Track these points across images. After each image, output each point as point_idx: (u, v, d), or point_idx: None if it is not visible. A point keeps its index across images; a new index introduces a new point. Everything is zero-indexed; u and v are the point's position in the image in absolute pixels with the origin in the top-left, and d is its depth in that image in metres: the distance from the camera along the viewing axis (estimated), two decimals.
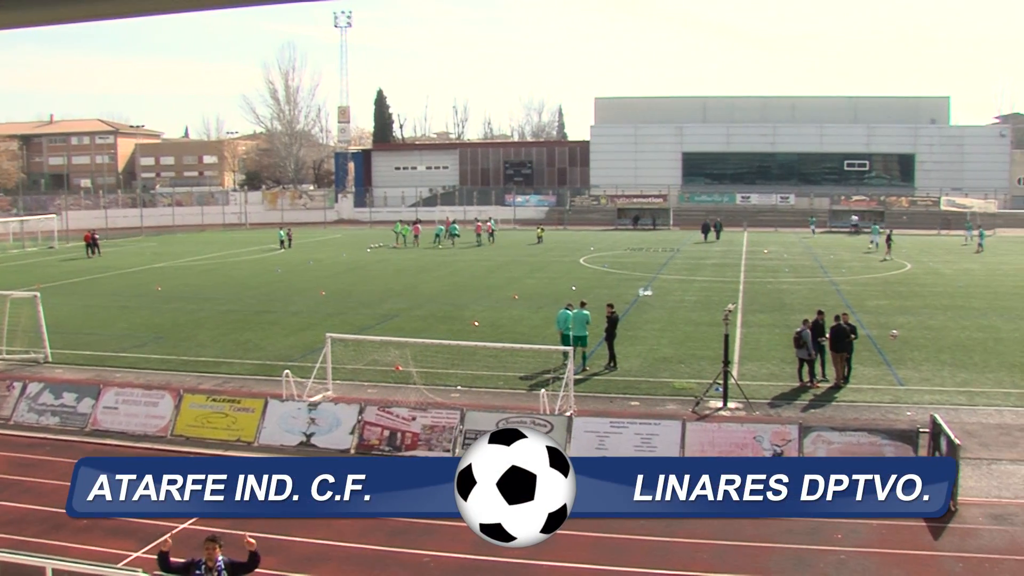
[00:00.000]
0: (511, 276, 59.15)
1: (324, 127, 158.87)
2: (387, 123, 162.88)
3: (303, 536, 18.06)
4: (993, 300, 48.81)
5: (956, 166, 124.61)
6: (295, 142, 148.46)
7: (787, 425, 22.69)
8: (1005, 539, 18.28)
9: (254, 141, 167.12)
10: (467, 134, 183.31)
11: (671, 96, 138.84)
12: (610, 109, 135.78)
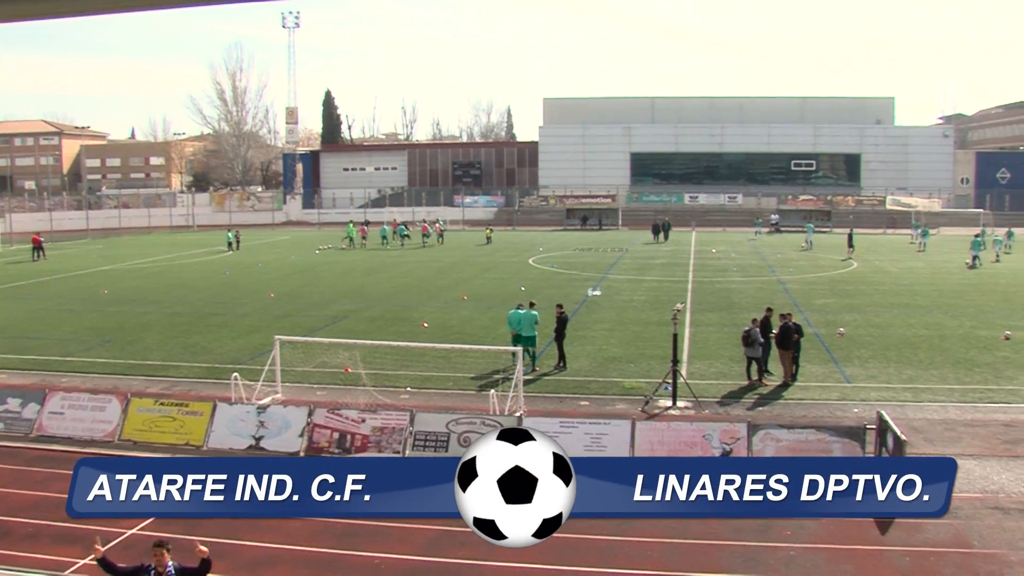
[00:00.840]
0: (460, 277, 59.15)
1: (272, 128, 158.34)
2: (335, 124, 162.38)
3: (253, 540, 17.98)
4: (938, 298, 49.39)
5: (901, 166, 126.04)
6: (243, 143, 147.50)
7: (736, 423, 22.84)
8: (950, 532, 18.51)
9: (201, 142, 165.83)
10: (416, 135, 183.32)
11: (619, 97, 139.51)
12: (558, 110, 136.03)
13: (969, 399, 28.65)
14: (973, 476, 21.86)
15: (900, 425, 21.47)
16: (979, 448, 23.95)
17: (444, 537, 18.07)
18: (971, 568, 16.98)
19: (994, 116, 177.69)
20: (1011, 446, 24.19)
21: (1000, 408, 27.71)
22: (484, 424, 22.86)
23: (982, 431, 25.45)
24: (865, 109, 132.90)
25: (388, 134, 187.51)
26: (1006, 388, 29.97)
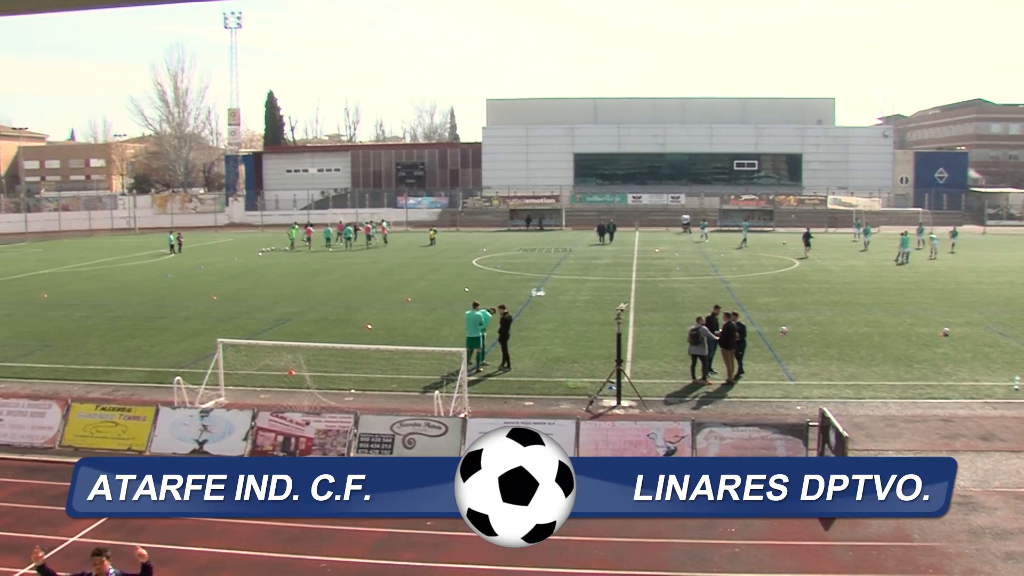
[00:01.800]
0: (404, 278, 58.99)
1: (214, 129, 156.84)
2: (278, 125, 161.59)
3: (199, 545, 17.82)
4: (878, 295, 49.94)
5: (842, 166, 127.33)
6: (185, 145, 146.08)
7: (680, 422, 22.94)
8: (891, 527, 18.69)
9: (143, 144, 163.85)
10: (359, 136, 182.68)
11: (562, 97, 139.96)
12: (502, 110, 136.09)
13: (909, 395, 29.03)
14: None
15: (842, 422, 21.72)
16: (919, 443, 24.26)
17: (392, 539, 18.04)
18: (912, 561, 17.18)
19: (932, 117, 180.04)
20: (950, 441, 24.51)
21: (939, 404, 28.10)
22: (429, 426, 22.85)
23: (922, 426, 25.78)
24: (806, 109, 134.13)
25: (331, 135, 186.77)
26: (945, 384, 30.39)
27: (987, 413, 27.19)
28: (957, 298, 49.22)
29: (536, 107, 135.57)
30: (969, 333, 38.88)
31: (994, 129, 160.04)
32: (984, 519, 19.17)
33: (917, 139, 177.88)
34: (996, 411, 27.41)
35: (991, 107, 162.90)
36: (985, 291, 52.13)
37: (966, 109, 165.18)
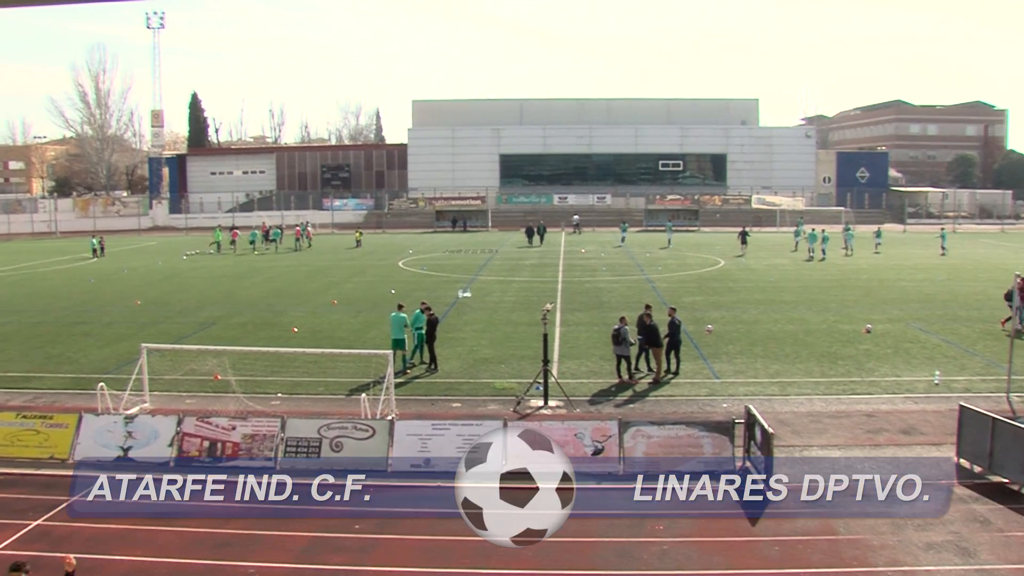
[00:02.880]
0: (330, 281, 58.68)
1: (137, 131, 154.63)
2: (202, 127, 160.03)
3: (124, 554, 17.57)
4: (802, 293, 50.53)
5: (766, 165, 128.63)
6: (107, 147, 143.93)
7: (607, 421, 23.00)
8: (816, 521, 18.92)
9: (63, 146, 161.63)
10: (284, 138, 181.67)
11: (488, 99, 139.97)
12: (428, 112, 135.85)
13: (833, 391, 29.41)
14: (838, 466, 22.32)
15: (768, 418, 21.95)
16: (843, 438, 24.58)
17: (319, 543, 17.93)
18: (837, 554, 17.39)
19: (853, 118, 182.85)
20: (873, 435, 24.87)
21: (862, 399, 28.51)
22: (356, 428, 22.72)
23: (846, 422, 26.12)
24: (730, 110, 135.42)
25: (256, 137, 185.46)
26: (868, 380, 30.81)
27: (909, 407, 27.62)
28: (879, 295, 49.95)
29: (462, 108, 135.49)
30: (891, 329, 39.46)
31: (913, 130, 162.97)
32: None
33: (839, 139, 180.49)
34: (917, 405, 27.86)
35: (910, 108, 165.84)
36: (906, 288, 52.94)
37: (886, 110, 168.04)
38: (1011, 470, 21.04)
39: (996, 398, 28.38)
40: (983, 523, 18.94)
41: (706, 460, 21.92)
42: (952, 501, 20.11)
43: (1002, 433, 21.27)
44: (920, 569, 16.79)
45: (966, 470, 22.19)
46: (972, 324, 40.95)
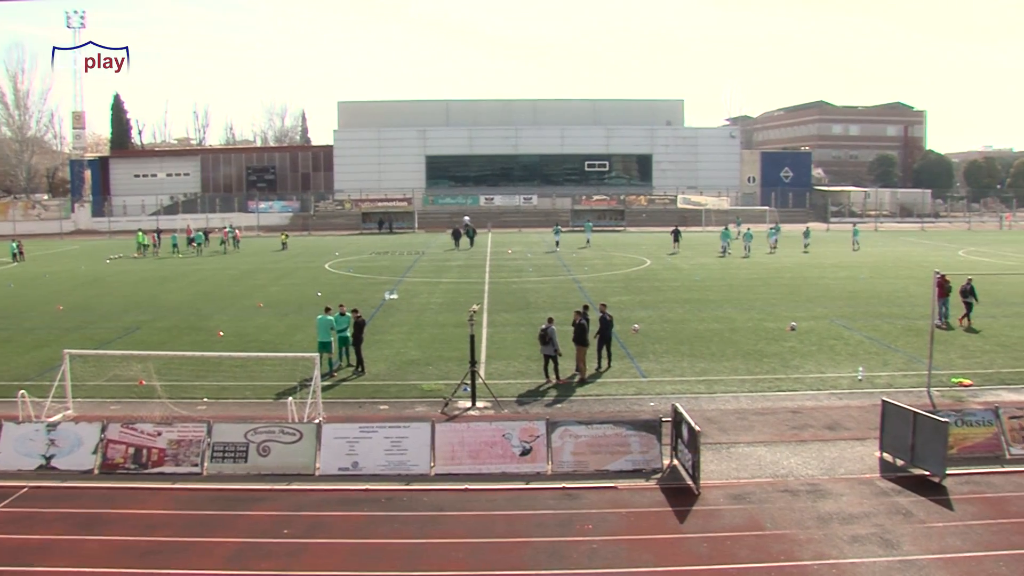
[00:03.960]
0: (256, 284, 58.18)
1: (58, 133, 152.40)
2: (125, 129, 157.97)
3: (48, 565, 17.27)
4: (728, 292, 50.96)
5: (691, 166, 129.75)
6: (26, 149, 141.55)
7: (535, 421, 22.98)
8: (744, 517, 19.11)
9: None
10: (208, 140, 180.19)
11: (414, 100, 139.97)
12: (353, 113, 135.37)
13: (759, 389, 29.68)
14: (764, 462, 22.63)
15: (694, 416, 22.09)
16: (769, 435, 24.80)
17: (248, 549, 17.77)
18: (764, 549, 17.53)
19: (777, 118, 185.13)
20: (798, 431, 25.12)
21: (787, 396, 28.79)
22: (283, 432, 22.53)
23: (771, 419, 26.36)
24: (655, 111, 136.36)
25: (180, 139, 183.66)
26: (792, 377, 31.14)
27: (833, 403, 27.95)
28: (803, 293, 50.54)
29: (388, 109, 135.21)
30: (815, 327, 39.92)
31: (835, 130, 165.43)
32: (831, 505, 19.71)
33: (763, 139, 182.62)
34: (841, 401, 28.20)
35: (832, 109, 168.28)
36: (829, 286, 53.61)
37: (809, 111, 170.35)
38: (932, 463, 21.38)
39: (917, 393, 28.79)
40: (905, 515, 19.21)
41: (634, 459, 22.01)
42: (876, 495, 20.43)
43: (923, 427, 21.60)
44: (845, 562, 16.97)
45: (889, 464, 22.51)
46: (894, 321, 41.54)
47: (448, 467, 21.86)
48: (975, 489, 20.84)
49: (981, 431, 23.03)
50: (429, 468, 21.87)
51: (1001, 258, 72.04)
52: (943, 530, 18.46)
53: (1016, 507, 19.79)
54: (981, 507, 19.74)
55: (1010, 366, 32.77)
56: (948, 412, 23.48)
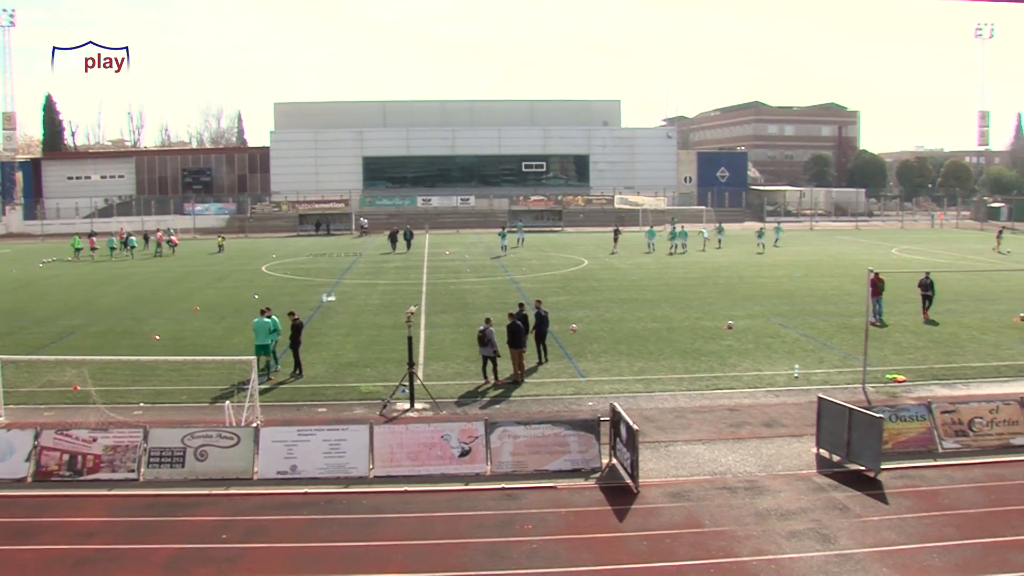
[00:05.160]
0: (192, 287, 57.63)
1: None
2: (57, 130, 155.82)
3: None
4: (665, 292, 51.25)
5: (628, 166, 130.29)
6: None
7: (473, 422, 22.95)
8: (683, 514, 19.22)
9: None
10: (143, 142, 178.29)
11: (351, 101, 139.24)
12: (290, 114, 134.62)
13: (697, 387, 29.87)
14: (703, 459, 22.77)
15: (633, 415, 22.18)
16: (707, 433, 24.97)
17: (185, 555, 17.60)
18: (703, 546, 17.63)
19: (713, 118, 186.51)
20: (736, 429, 25.30)
21: (725, 394, 29.01)
22: (220, 437, 22.33)
23: (709, 416, 26.53)
24: (592, 111, 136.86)
25: (114, 141, 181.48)
26: (730, 375, 31.38)
27: (770, 401, 28.20)
28: (740, 292, 50.96)
29: (325, 110, 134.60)
30: (752, 325, 40.26)
31: (771, 130, 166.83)
32: (769, 501, 19.87)
33: (700, 140, 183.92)
34: (778, 398, 28.46)
35: (768, 109, 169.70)
36: (766, 285, 54.11)
37: (745, 111, 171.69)
38: (867, 458, 21.63)
39: (852, 389, 29.15)
40: (842, 510, 19.41)
41: (573, 458, 22.05)
42: (812, 490, 20.63)
43: (858, 423, 21.85)
44: (783, 557, 17.12)
45: (825, 459, 22.74)
46: (829, 318, 41.99)
47: (387, 469, 21.79)
48: (909, 483, 21.15)
49: (914, 426, 23.36)
50: (368, 470, 21.78)
51: (933, 256, 73.07)
52: (878, 524, 18.69)
53: (948, 500, 20.12)
54: (915, 500, 20.04)
55: (942, 362, 33.29)
56: (882, 408, 23.82)
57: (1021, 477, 21.71)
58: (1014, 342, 36.67)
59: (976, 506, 19.75)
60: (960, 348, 35.70)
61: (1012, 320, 40.91)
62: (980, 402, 24.71)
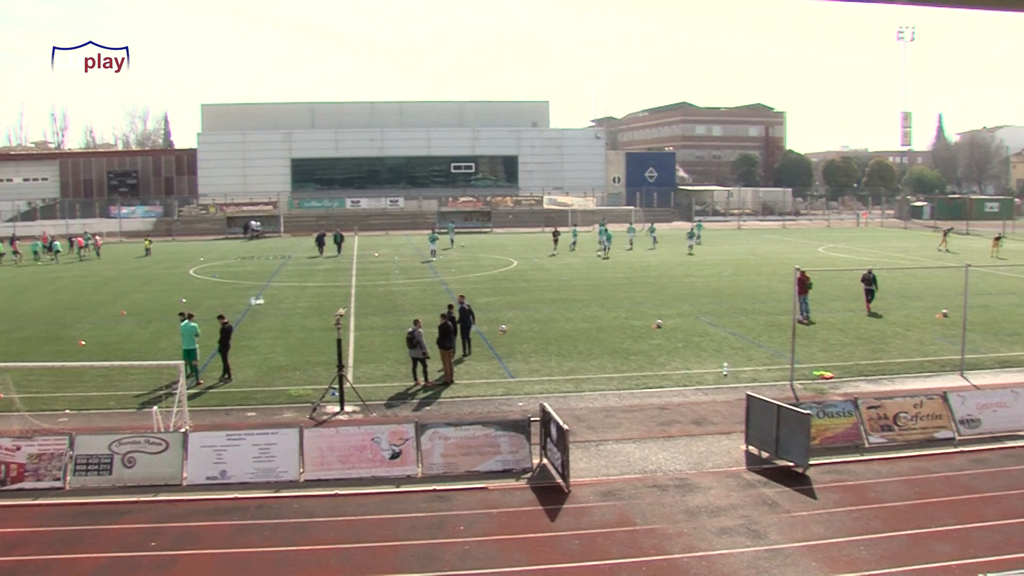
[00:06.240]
0: (118, 291, 56.90)
1: None
2: None
3: None
4: (594, 291, 51.44)
5: (557, 166, 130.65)
6: None
7: (403, 424, 22.88)
8: (614, 513, 19.30)
9: None
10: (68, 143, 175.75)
11: (279, 102, 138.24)
12: (217, 116, 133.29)
13: (627, 386, 30.00)
14: (633, 458, 22.88)
15: (563, 415, 22.26)
16: (637, 432, 25.09)
17: (115, 564, 17.36)
18: (635, 544, 17.72)
19: (641, 119, 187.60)
20: (666, 427, 25.46)
21: (655, 393, 29.19)
22: (148, 443, 22.06)
23: (639, 415, 26.68)
24: (521, 112, 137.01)
25: (38, 143, 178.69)
26: (659, 374, 31.57)
27: (699, 399, 28.41)
28: (668, 291, 51.31)
29: (252, 112, 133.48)
30: (681, 324, 40.55)
31: (698, 131, 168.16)
32: (699, 499, 20.02)
33: (628, 140, 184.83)
34: (707, 396, 28.69)
35: (695, 110, 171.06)
36: (694, 284, 54.56)
37: (673, 112, 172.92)
38: (795, 454, 21.87)
39: (781, 386, 29.48)
40: (771, 506, 19.61)
41: (503, 459, 22.07)
42: (742, 487, 20.81)
43: (787, 419, 22.08)
44: (714, 553, 17.25)
45: (754, 456, 22.96)
46: (757, 316, 42.43)
47: (318, 473, 21.66)
48: (837, 478, 21.42)
49: (841, 422, 23.67)
50: (298, 474, 21.64)
51: (858, 254, 74.12)
52: (807, 518, 18.91)
53: (875, 493, 20.41)
54: (842, 495, 20.30)
55: (868, 358, 33.78)
56: (810, 404, 24.13)
57: (944, 470, 22.14)
58: (937, 338, 37.26)
59: (902, 499, 20.08)
60: (885, 345, 36.23)
61: (935, 316, 41.60)
62: (905, 397, 25.12)
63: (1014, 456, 23.26)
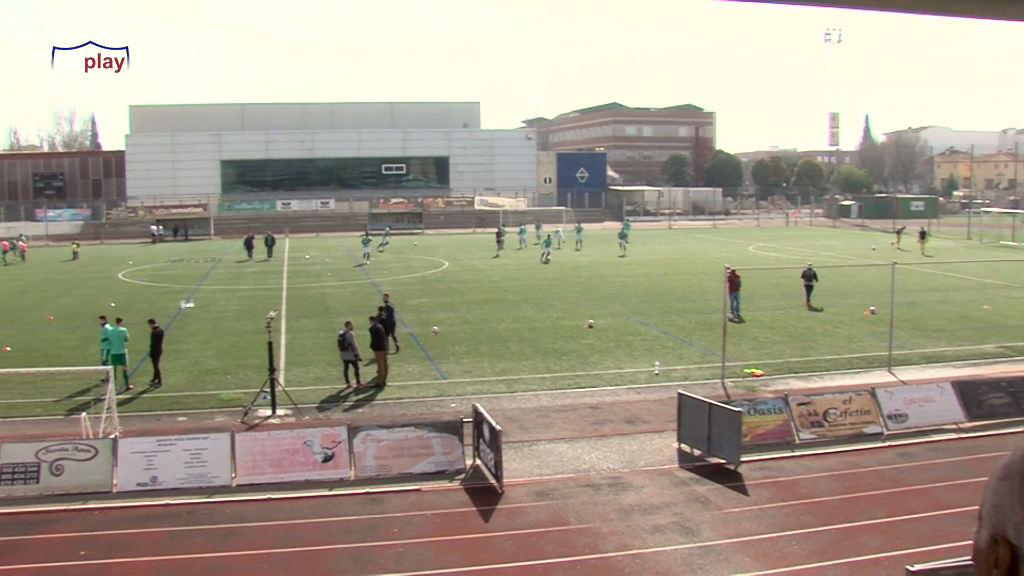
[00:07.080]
0: (45, 296, 56.05)
1: None
2: None
3: None
4: (526, 292, 51.55)
5: (488, 167, 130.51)
6: None
7: (336, 427, 22.84)
8: (548, 513, 19.38)
9: None
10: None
11: (209, 103, 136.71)
12: (146, 117, 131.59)
13: (559, 386, 30.13)
14: (566, 458, 22.97)
15: (496, 415, 22.34)
16: (570, 431, 25.21)
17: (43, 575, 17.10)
18: (569, 543, 17.79)
19: (572, 120, 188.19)
20: (598, 427, 25.60)
21: (587, 392, 29.35)
22: (77, 450, 21.77)
23: (572, 415, 26.81)
24: (452, 113, 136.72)
25: None
26: (591, 373, 31.74)
27: (631, 398, 28.61)
28: (600, 291, 51.53)
29: (182, 113, 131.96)
30: (612, 324, 40.74)
31: (629, 131, 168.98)
32: (633, 497, 20.15)
33: (559, 141, 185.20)
34: (639, 395, 28.89)
35: (626, 110, 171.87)
36: (625, 283, 54.84)
37: (603, 112, 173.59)
38: (727, 451, 22.09)
39: (712, 384, 29.77)
40: (704, 503, 19.79)
41: (436, 460, 22.06)
42: (675, 485, 20.96)
43: (718, 417, 22.29)
44: (648, 551, 17.36)
45: (687, 454, 23.15)
46: (688, 315, 42.76)
47: (250, 477, 21.51)
48: (768, 474, 21.67)
49: (772, 418, 23.92)
50: (230, 479, 21.48)
51: (787, 252, 74.92)
52: (739, 515, 19.11)
53: (805, 488, 20.69)
54: (774, 491, 20.54)
55: (798, 355, 34.23)
56: (741, 402, 24.41)
57: (873, 464, 22.52)
58: (865, 335, 37.79)
59: (832, 494, 20.38)
60: (815, 342, 36.70)
61: (863, 313, 42.14)
62: (834, 393, 25.55)
63: (940, 450, 23.71)
